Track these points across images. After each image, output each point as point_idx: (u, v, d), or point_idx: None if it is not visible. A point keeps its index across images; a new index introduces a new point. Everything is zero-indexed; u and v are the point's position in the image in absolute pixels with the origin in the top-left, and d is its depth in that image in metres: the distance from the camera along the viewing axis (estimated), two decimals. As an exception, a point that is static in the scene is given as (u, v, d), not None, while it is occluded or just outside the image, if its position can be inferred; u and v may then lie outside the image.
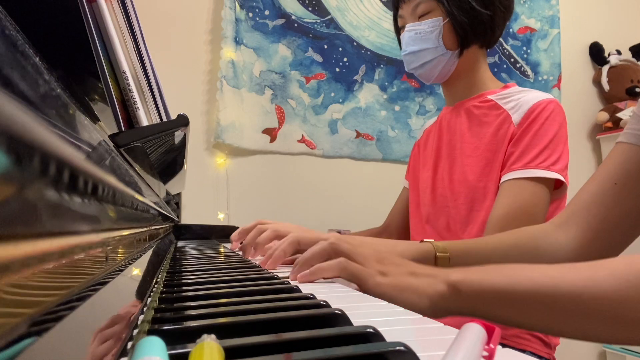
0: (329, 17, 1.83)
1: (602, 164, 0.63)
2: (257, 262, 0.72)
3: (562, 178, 0.82)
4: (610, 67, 2.23)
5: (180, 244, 1.18)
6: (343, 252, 0.53)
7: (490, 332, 0.25)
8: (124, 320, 0.25)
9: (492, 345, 0.24)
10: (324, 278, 0.55)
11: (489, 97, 0.95)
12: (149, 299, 0.38)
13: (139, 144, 0.41)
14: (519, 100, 0.90)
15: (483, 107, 0.95)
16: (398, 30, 1.03)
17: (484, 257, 0.67)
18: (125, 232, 0.34)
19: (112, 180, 0.25)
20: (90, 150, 0.23)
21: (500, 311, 0.44)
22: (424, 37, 0.94)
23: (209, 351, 0.19)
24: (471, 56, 0.96)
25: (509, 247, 0.68)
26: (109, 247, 0.27)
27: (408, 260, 0.53)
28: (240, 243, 0.90)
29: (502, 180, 0.86)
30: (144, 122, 0.44)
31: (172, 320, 0.31)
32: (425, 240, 0.71)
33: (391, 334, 0.27)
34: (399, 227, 1.17)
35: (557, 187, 0.86)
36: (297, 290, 0.43)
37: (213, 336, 0.20)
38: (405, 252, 0.66)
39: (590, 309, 0.39)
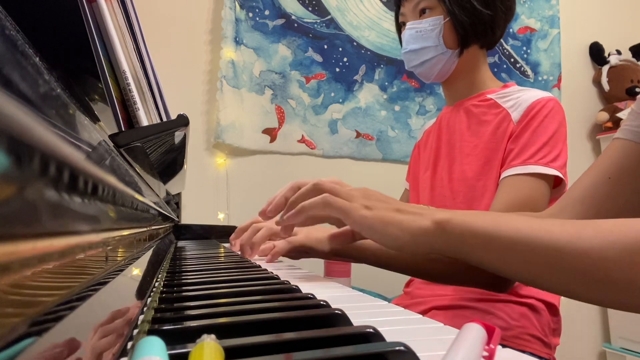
0: (329, 17, 1.83)
1: (598, 158, 0.63)
2: (257, 262, 0.72)
3: (560, 175, 0.82)
4: (610, 67, 2.23)
5: (180, 244, 1.18)
6: (327, 189, 0.54)
7: (490, 333, 0.25)
8: (123, 320, 0.25)
9: (492, 346, 0.24)
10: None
11: (489, 96, 0.95)
12: (149, 299, 0.38)
13: (139, 144, 0.41)
14: (518, 98, 0.90)
15: (482, 106, 0.95)
16: (399, 28, 1.03)
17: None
18: (125, 232, 0.34)
19: (112, 180, 0.25)
20: (90, 150, 0.23)
21: (482, 255, 0.44)
22: (424, 35, 0.94)
23: (209, 351, 0.19)
24: (471, 56, 0.96)
25: None
26: (109, 247, 0.27)
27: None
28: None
29: (501, 177, 0.86)
30: (144, 122, 0.44)
31: (172, 320, 0.31)
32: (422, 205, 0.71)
33: (391, 334, 0.27)
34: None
35: (556, 185, 0.86)
36: (297, 290, 0.43)
37: (213, 336, 0.20)
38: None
39: (571, 264, 0.39)
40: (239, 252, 0.87)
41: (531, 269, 0.42)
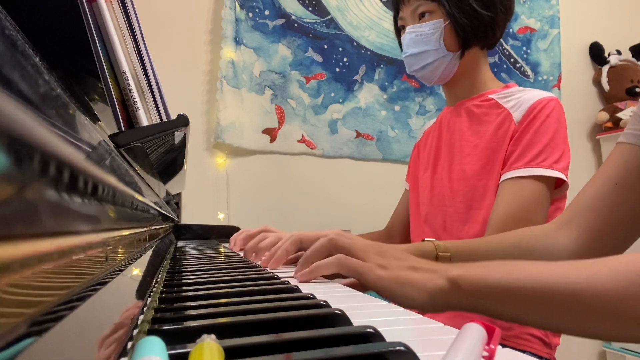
0: (329, 17, 1.83)
1: (603, 164, 0.63)
2: (257, 262, 0.72)
3: (563, 177, 0.82)
4: (610, 67, 2.23)
5: (180, 244, 1.18)
6: (342, 247, 0.53)
7: (490, 333, 0.25)
8: (123, 320, 0.25)
9: (492, 346, 0.24)
10: (325, 276, 0.55)
11: (490, 96, 0.95)
12: (149, 299, 0.38)
13: (139, 144, 0.41)
14: (519, 98, 0.90)
15: (484, 106, 0.95)
16: (398, 31, 1.03)
17: (485, 257, 0.67)
18: (125, 232, 0.34)
19: (112, 180, 0.25)
20: (90, 150, 0.23)
21: (500, 307, 0.44)
22: (425, 39, 0.93)
23: (209, 351, 0.19)
24: (472, 57, 0.96)
25: (510, 247, 0.68)
26: (109, 247, 0.27)
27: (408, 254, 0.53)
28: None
29: (502, 179, 0.86)
30: (144, 122, 0.44)
31: (172, 320, 0.31)
32: (426, 239, 0.71)
33: (391, 334, 0.27)
34: (401, 230, 1.17)
35: (557, 186, 0.86)
36: (297, 290, 0.43)
37: (213, 336, 0.20)
38: (406, 251, 0.67)
39: (591, 306, 0.39)
40: (239, 252, 0.87)
41: (550, 315, 0.41)
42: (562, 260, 0.63)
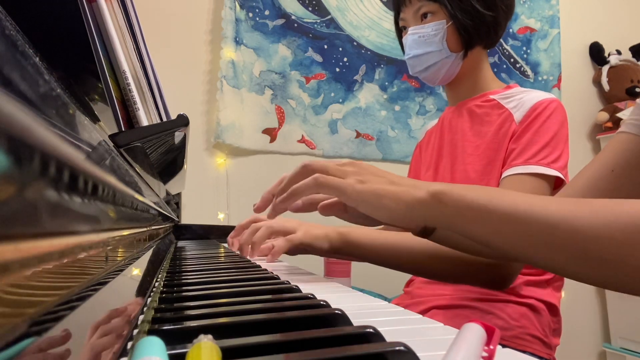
0: (329, 17, 1.83)
1: (601, 151, 0.63)
2: (257, 262, 0.72)
3: (562, 176, 0.82)
4: (610, 67, 2.23)
5: (180, 244, 1.18)
6: (317, 169, 0.52)
7: (490, 333, 0.25)
8: (123, 320, 0.25)
9: (491, 347, 0.24)
10: (315, 210, 0.54)
11: (492, 96, 0.95)
12: (149, 299, 0.38)
13: (139, 144, 0.41)
14: (521, 99, 0.90)
15: (485, 107, 0.95)
16: (400, 32, 1.03)
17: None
18: (125, 232, 0.34)
19: (112, 180, 0.25)
20: (90, 150, 0.23)
21: (476, 227, 0.44)
22: (427, 40, 0.93)
23: (207, 352, 0.19)
24: (474, 57, 0.96)
25: None
26: (109, 247, 0.27)
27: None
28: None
29: (502, 176, 0.86)
30: (144, 122, 0.44)
31: (172, 320, 0.31)
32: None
33: (391, 334, 0.27)
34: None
35: (556, 186, 0.86)
36: (297, 290, 0.43)
37: (210, 336, 0.20)
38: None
39: (565, 241, 0.39)
40: (238, 251, 0.87)
41: (525, 244, 0.41)
42: None
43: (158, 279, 0.50)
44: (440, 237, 0.51)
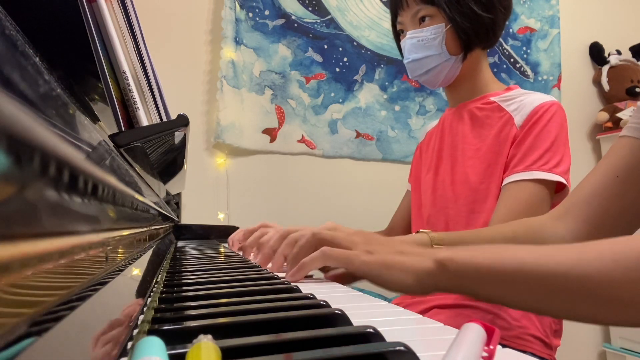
0: (329, 17, 1.83)
1: (604, 157, 0.62)
2: (257, 262, 0.72)
3: (563, 181, 0.82)
4: (610, 67, 2.23)
5: (180, 244, 1.18)
6: (326, 240, 0.53)
7: (490, 333, 0.25)
8: (123, 320, 0.25)
9: (491, 347, 0.24)
10: (321, 269, 0.55)
11: (492, 99, 0.95)
12: (149, 299, 0.38)
13: (139, 144, 0.41)
14: (521, 102, 0.90)
15: (486, 109, 0.95)
16: (397, 36, 1.03)
17: None
18: (125, 232, 0.34)
19: (112, 180, 0.25)
20: (90, 150, 0.23)
21: (486, 289, 0.44)
22: (426, 44, 0.93)
23: (206, 352, 0.19)
24: (474, 59, 0.96)
25: (506, 239, 0.68)
26: (109, 247, 0.27)
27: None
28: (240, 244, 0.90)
29: (504, 183, 0.86)
30: (144, 122, 0.44)
31: (172, 320, 0.31)
32: (421, 230, 0.70)
33: (391, 334, 0.27)
34: (402, 231, 1.16)
35: (558, 190, 0.86)
36: (297, 290, 0.43)
37: (209, 336, 0.20)
38: (401, 244, 0.66)
39: (576, 289, 0.39)
40: (239, 252, 0.87)
41: (536, 298, 0.41)
42: None
43: (158, 279, 0.50)
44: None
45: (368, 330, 0.26)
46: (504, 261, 0.43)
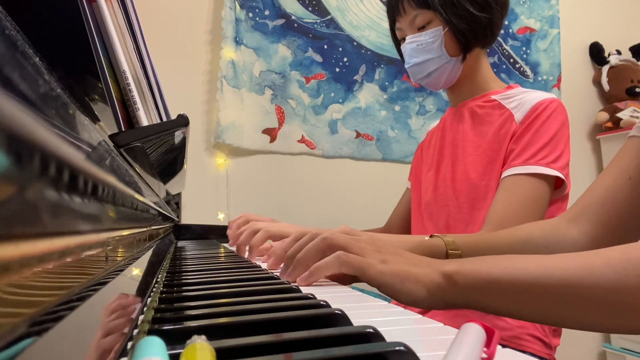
0: (329, 17, 1.83)
1: (615, 158, 0.62)
2: (257, 262, 0.72)
3: (561, 176, 0.82)
4: (610, 67, 2.23)
5: (180, 244, 1.18)
6: (339, 245, 0.51)
7: (489, 334, 0.25)
8: (123, 320, 0.25)
9: (491, 349, 0.24)
10: (326, 278, 0.55)
11: (493, 97, 0.95)
12: (149, 299, 0.38)
13: (139, 144, 0.41)
14: (522, 99, 0.90)
15: (486, 107, 0.95)
16: (397, 41, 1.03)
17: (495, 252, 0.67)
18: (125, 232, 0.34)
19: (112, 180, 0.25)
20: (90, 150, 0.23)
21: (495, 302, 0.43)
22: (426, 48, 0.94)
23: (201, 352, 0.19)
24: (474, 58, 0.97)
25: (520, 243, 0.68)
26: (109, 247, 0.27)
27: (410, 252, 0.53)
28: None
29: (502, 177, 0.86)
30: (144, 122, 0.44)
31: (172, 320, 0.31)
32: (434, 235, 0.70)
33: (391, 334, 0.27)
34: (400, 228, 1.17)
35: (557, 186, 0.86)
36: (297, 290, 0.43)
37: (203, 337, 0.20)
38: (416, 249, 0.65)
39: (586, 298, 0.38)
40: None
41: (546, 309, 0.41)
42: None
43: (158, 279, 0.50)
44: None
45: (368, 330, 0.26)
46: (511, 273, 0.42)
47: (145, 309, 0.33)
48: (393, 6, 0.98)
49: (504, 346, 0.27)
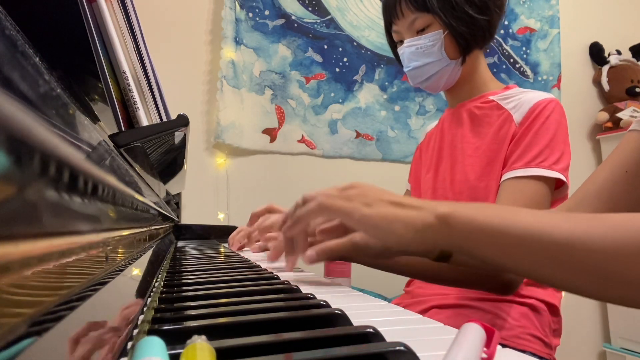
0: (329, 17, 1.83)
1: (613, 152, 0.62)
2: (256, 262, 0.72)
3: (563, 177, 0.82)
4: (610, 67, 2.23)
5: (180, 244, 1.18)
6: (319, 195, 0.51)
7: (489, 335, 0.25)
8: (123, 320, 0.25)
9: (491, 349, 0.24)
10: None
11: (491, 97, 0.95)
12: (149, 299, 0.38)
13: (139, 144, 0.41)
14: (520, 100, 0.90)
15: (485, 108, 0.95)
16: (394, 44, 1.03)
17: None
18: (125, 232, 0.34)
19: (112, 180, 0.25)
20: (90, 150, 0.23)
21: (488, 250, 0.42)
22: (426, 51, 0.93)
23: (201, 352, 0.19)
24: (472, 59, 0.97)
25: None
26: (109, 247, 0.27)
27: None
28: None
29: (502, 179, 0.86)
30: (144, 122, 0.44)
31: (172, 320, 0.31)
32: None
33: (391, 334, 0.27)
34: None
35: (557, 187, 0.86)
36: (297, 290, 0.43)
37: (203, 337, 0.20)
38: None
39: (582, 261, 0.37)
40: (239, 252, 0.87)
41: (540, 266, 0.40)
42: None
43: (158, 279, 0.50)
44: (459, 262, 0.50)
45: (368, 330, 0.26)
46: (508, 223, 0.41)
47: (145, 308, 0.33)
48: (390, 9, 0.97)
49: (504, 346, 0.27)
